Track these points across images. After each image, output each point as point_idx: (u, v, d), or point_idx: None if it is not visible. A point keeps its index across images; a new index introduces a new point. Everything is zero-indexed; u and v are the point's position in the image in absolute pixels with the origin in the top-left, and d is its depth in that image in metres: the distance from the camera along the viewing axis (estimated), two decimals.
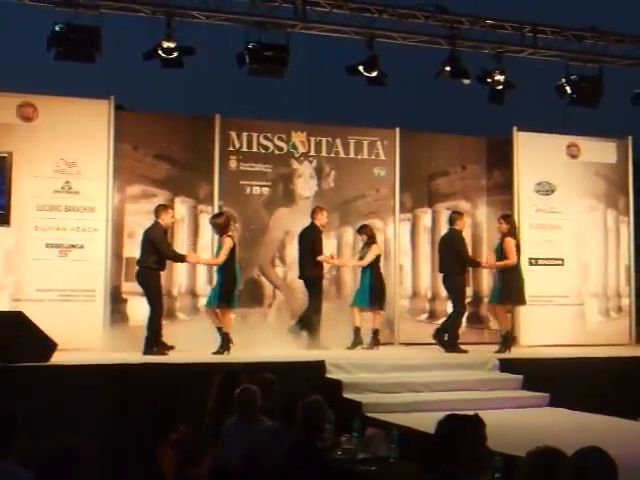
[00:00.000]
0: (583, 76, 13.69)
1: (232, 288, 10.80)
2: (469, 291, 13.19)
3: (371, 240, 11.93)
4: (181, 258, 11.04)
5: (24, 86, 11.79)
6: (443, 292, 13.39)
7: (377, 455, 6.16)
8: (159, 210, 10.92)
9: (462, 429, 4.13)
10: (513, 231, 11.75)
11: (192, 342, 10.69)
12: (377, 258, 11.87)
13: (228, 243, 10.77)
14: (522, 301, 11.82)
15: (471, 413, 4.34)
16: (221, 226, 10.92)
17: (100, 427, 8.40)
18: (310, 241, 11.70)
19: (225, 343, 10.59)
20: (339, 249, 13.01)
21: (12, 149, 11.27)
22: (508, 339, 11.54)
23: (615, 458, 3.65)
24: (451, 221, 12.04)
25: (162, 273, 10.85)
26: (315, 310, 11.44)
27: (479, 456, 4.09)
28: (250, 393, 6.33)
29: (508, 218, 11.97)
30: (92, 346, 10.92)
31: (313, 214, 11.87)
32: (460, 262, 11.81)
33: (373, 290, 11.74)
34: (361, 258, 11.97)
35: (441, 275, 12.09)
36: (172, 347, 10.54)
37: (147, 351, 10.35)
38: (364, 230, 12.06)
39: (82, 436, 4.28)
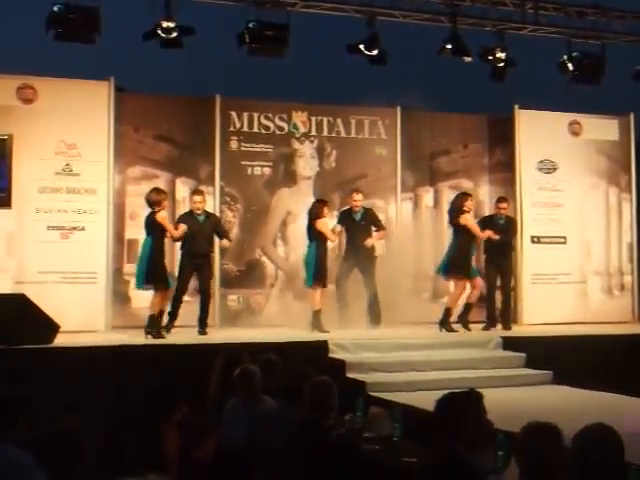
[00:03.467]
0: (585, 53, 13.60)
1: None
2: None
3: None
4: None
5: (23, 68, 11.73)
6: None
7: (381, 434, 6.16)
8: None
9: (458, 406, 4.13)
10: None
11: (194, 323, 10.71)
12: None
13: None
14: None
15: (467, 390, 4.34)
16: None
17: (102, 409, 8.41)
18: None
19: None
20: None
21: (12, 131, 11.23)
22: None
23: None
24: None
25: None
26: None
27: (479, 432, 4.09)
28: (249, 373, 6.31)
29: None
30: (94, 328, 10.96)
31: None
32: None
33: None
34: None
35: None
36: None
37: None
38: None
39: (84, 418, 4.28)
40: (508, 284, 12.14)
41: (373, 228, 11.83)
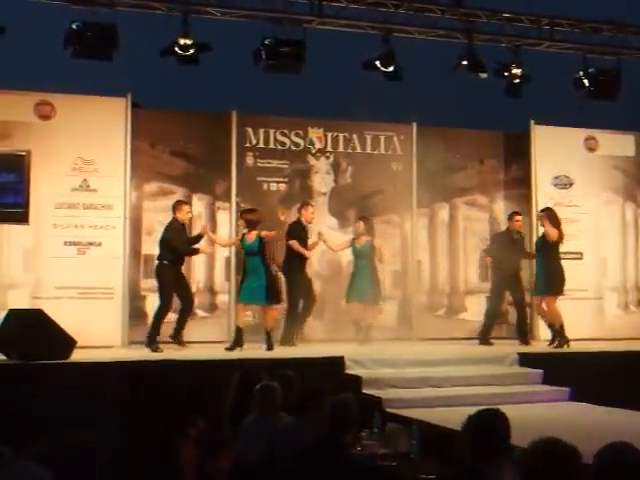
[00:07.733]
0: (601, 69, 13.58)
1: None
2: (487, 285, 13.19)
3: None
4: (195, 251, 11.13)
5: (41, 84, 11.81)
6: (461, 287, 13.40)
7: (397, 451, 6.15)
8: (174, 206, 11.10)
9: (491, 424, 4.15)
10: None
11: (210, 339, 10.71)
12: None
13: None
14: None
15: (495, 408, 4.36)
16: (254, 222, 10.98)
17: (119, 424, 8.42)
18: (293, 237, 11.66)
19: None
20: None
21: (30, 147, 11.25)
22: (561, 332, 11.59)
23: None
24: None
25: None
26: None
27: (501, 449, 4.11)
28: (271, 390, 6.31)
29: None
30: (111, 343, 10.98)
31: (299, 209, 11.89)
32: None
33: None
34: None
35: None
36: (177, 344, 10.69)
37: (149, 345, 10.54)
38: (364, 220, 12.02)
39: (100, 433, 4.29)
40: (523, 299, 12.16)
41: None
